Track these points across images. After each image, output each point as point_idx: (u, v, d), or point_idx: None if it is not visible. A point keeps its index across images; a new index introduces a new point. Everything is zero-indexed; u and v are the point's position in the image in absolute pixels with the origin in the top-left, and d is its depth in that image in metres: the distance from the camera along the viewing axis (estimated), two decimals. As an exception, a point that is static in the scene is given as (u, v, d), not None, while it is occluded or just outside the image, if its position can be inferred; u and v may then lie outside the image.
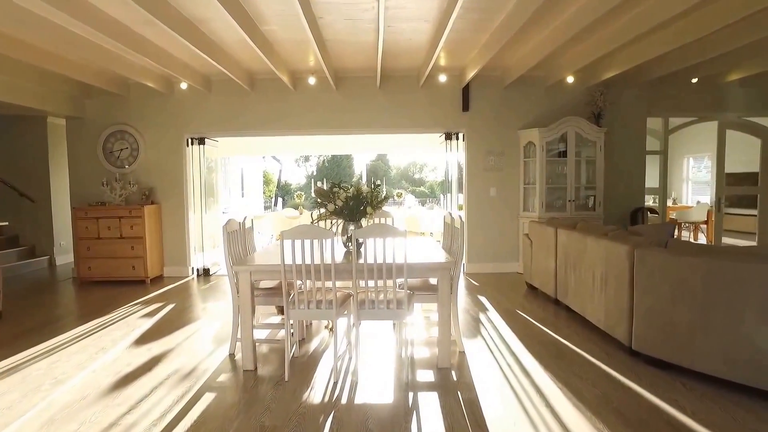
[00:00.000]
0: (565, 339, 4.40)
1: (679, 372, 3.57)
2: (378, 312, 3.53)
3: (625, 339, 3.98)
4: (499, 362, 3.84)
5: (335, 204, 4.14)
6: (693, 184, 14.90)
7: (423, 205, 18.39)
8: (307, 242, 3.41)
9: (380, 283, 3.51)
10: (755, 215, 9.47)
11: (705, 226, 12.36)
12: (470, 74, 6.79)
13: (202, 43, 5.29)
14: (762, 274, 3.12)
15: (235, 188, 15.26)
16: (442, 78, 7.29)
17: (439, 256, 3.93)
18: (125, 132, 7.60)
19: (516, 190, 7.72)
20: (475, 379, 3.51)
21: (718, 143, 8.20)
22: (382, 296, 3.56)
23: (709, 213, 12.43)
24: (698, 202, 13.89)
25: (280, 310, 4.79)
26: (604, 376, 3.54)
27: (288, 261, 3.47)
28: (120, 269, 7.17)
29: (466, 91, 7.50)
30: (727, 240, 9.60)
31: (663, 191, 8.49)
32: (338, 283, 4.01)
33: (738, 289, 3.21)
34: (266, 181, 22.09)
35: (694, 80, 7.68)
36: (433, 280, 4.12)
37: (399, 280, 3.59)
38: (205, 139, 7.72)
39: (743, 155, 8.94)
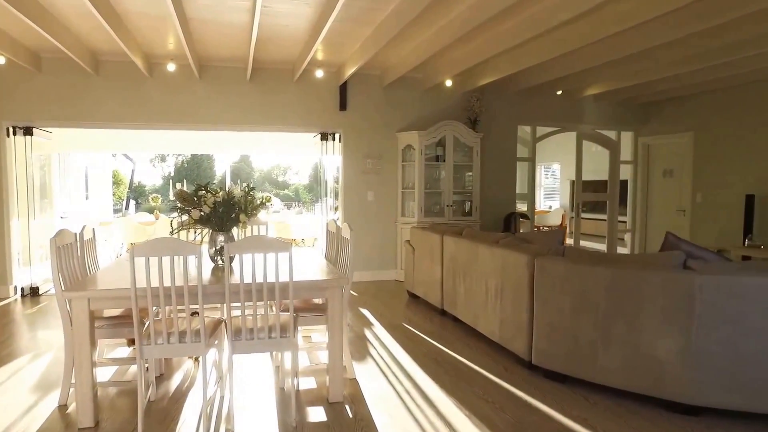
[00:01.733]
0: (459, 354, 4.12)
1: (579, 385, 3.44)
2: (257, 343, 2.90)
3: (523, 353, 3.79)
4: (397, 389, 3.42)
5: (201, 210, 3.44)
6: (543, 190, 16.02)
7: (289, 208, 17.69)
8: (166, 259, 2.69)
9: (259, 305, 2.91)
10: (605, 219, 10.24)
11: (560, 228, 13.30)
12: (349, 71, 6.37)
13: (25, 5, 4.20)
14: (660, 283, 3.07)
15: (78, 189, 13.27)
16: (319, 73, 6.78)
17: (329, 271, 3.42)
18: None
19: (394, 195, 7.46)
20: (374, 414, 3.04)
21: (576, 152, 8.72)
22: (261, 322, 2.95)
23: (563, 217, 13.41)
24: (550, 207, 14.98)
25: (132, 341, 3.93)
26: (510, 397, 3.29)
27: (140, 284, 2.71)
28: None
29: (343, 89, 7.07)
30: (583, 242, 10.29)
31: (531, 197, 8.80)
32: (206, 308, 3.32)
33: (638, 299, 3.14)
34: (116, 182, 19.79)
35: (559, 92, 8.05)
36: (318, 299, 3.60)
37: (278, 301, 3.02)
38: (34, 129, 6.36)
39: (587, 164, 9.55)
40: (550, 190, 15.97)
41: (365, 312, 5.51)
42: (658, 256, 3.30)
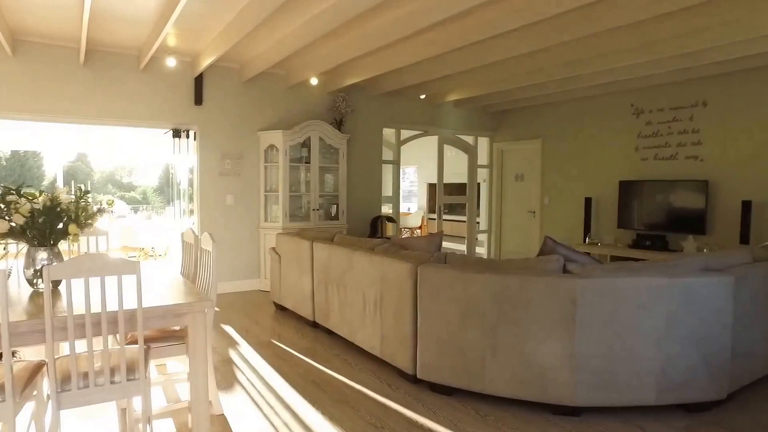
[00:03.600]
0: (338, 373, 3.78)
1: (468, 397, 3.29)
2: (95, 391, 2.27)
3: (408, 367, 3.56)
4: (274, 423, 2.97)
5: (11, 221, 2.68)
6: (401, 192, 16.19)
7: (136, 212, 16.01)
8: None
9: (96, 341, 2.29)
10: (459, 221, 10.61)
11: (419, 230, 13.59)
12: (206, 62, 5.71)
13: None
14: (545, 289, 3.04)
15: None
16: (171, 62, 5.95)
17: (188, 292, 2.87)
18: None
19: (256, 198, 6.90)
20: (249, 459, 2.59)
21: (438, 156, 8.88)
22: (100, 363, 2.33)
23: (423, 219, 13.73)
24: (408, 209, 15.29)
25: None
26: (400, 419, 3.02)
27: None
28: None
29: (199, 81, 6.34)
30: (445, 244, 10.57)
31: (397, 200, 8.76)
32: (23, 348, 2.59)
33: (524, 305, 3.07)
34: None
35: (423, 96, 8.10)
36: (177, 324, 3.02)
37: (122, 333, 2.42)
38: None
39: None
40: (406, 193, 16.30)
41: (229, 329, 4.93)
42: (539, 261, 3.28)
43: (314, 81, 6.77)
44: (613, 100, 7.52)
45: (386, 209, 8.67)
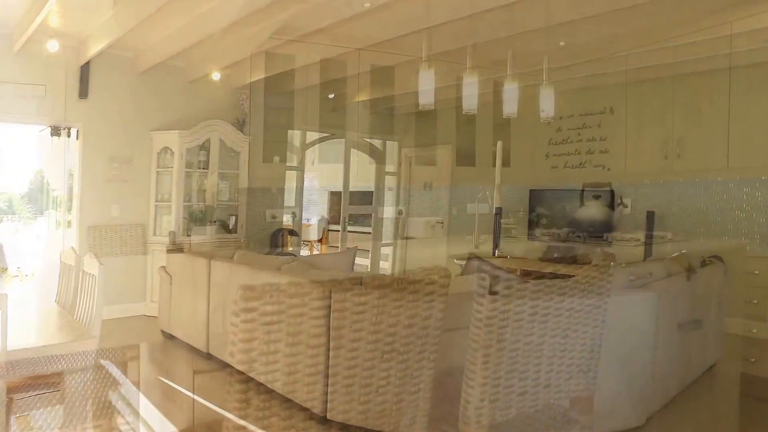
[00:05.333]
0: (237, 415, 3.28)
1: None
2: None
3: (316, 406, 3.13)
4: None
5: None
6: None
7: (-1, 223, 14.12)
8: None
9: None
10: (368, 233, 10.25)
11: (320, 243, 13.01)
12: (95, 48, 5.06)
13: None
14: (469, 312, 2.77)
15: None
16: (53, 46, 5.08)
17: (66, 327, 2.31)
18: None
19: (145, 209, 6.13)
20: None
21: (344, 161, 8.51)
22: None
23: (324, 231, 13.19)
24: (308, 220, 14.64)
25: None
26: (310, 474, 2.62)
27: None
28: None
29: (86, 71, 5.55)
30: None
31: (301, 211, 8.26)
32: None
33: (448, 333, 2.81)
34: None
35: (331, 96, 7.69)
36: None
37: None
38: None
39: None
40: (304, 202, 15.61)
41: (108, 364, 4.22)
42: (464, 282, 3.02)
43: (216, 76, 6.20)
44: (524, 104, 7.43)
45: (287, 220, 8.12)
